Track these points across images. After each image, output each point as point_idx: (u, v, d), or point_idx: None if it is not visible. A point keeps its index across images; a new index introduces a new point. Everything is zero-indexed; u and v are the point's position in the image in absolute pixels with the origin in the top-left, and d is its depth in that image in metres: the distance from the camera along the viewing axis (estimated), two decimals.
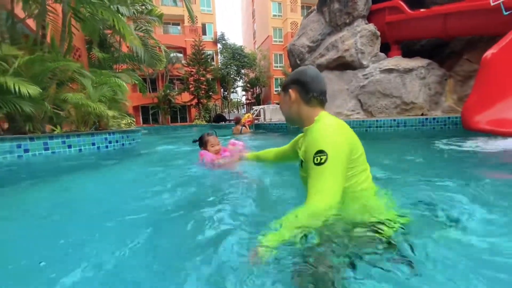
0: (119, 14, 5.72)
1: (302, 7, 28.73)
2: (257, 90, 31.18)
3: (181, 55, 26.18)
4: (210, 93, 24.41)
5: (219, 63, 26.86)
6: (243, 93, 33.31)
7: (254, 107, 14.51)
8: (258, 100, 30.07)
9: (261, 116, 12.31)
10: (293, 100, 1.24)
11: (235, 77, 27.68)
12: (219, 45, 27.50)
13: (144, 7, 9.79)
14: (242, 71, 27.60)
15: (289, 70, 20.43)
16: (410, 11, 7.28)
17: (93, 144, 4.08)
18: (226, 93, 29.10)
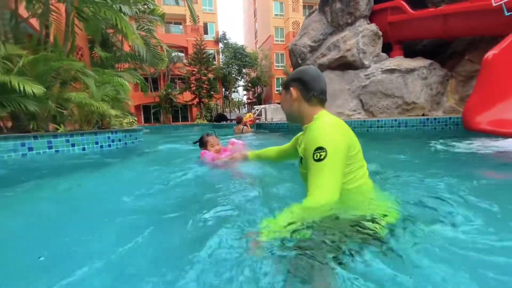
0: (121, 14, 5.74)
1: (304, 7, 28.71)
2: (258, 89, 31.20)
3: (182, 54, 26.24)
4: (212, 93, 24.47)
5: (221, 63, 26.90)
6: (244, 92, 33.34)
7: (256, 107, 14.54)
8: (259, 100, 30.10)
9: (262, 115, 12.32)
10: (294, 98, 1.27)
11: (236, 77, 27.73)
12: (220, 45, 27.53)
13: (146, 6, 9.81)
14: (244, 70, 27.64)
15: (291, 69, 20.42)
16: (412, 11, 7.28)
17: (97, 143, 4.12)
18: (228, 92, 29.14)
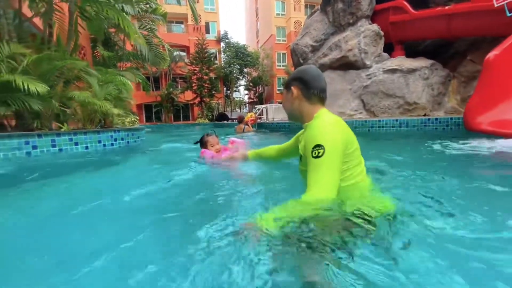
0: (123, 13, 5.77)
1: (306, 6, 28.69)
2: (260, 89, 31.19)
3: (184, 53, 26.24)
4: (213, 92, 24.51)
5: (222, 62, 26.91)
6: (246, 92, 33.34)
7: (257, 106, 14.54)
8: (260, 99, 30.10)
9: (263, 115, 12.34)
10: (295, 97, 1.30)
11: (238, 76, 27.74)
12: (222, 44, 27.54)
13: (148, 5, 9.84)
14: (245, 70, 27.64)
15: (292, 69, 20.42)
16: (414, 11, 7.28)
17: (99, 142, 4.15)
18: (229, 92, 29.16)
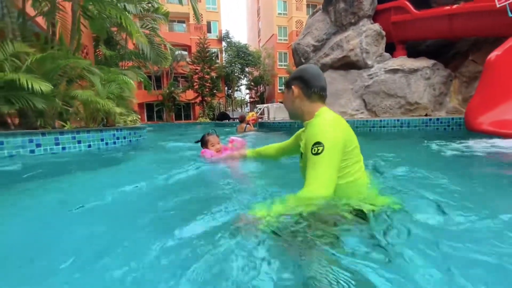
0: (126, 12, 5.80)
1: (308, 6, 28.64)
2: (261, 88, 31.20)
3: (186, 52, 26.26)
4: (214, 91, 24.55)
5: (224, 61, 26.93)
6: (247, 91, 33.37)
7: (258, 106, 14.58)
8: (261, 99, 30.11)
9: (265, 114, 12.37)
10: (296, 95, 1.32)
11: (239, 75, 27.73)
12: (223, 43, 27.56)
13: (150, 5, 9.87)
14: (246, 69, 27.64)
15: (294, 68, 20.39)
16: (415, 11, 7.27)
17: (102, 140, 4.18)
18: (230, 91, 29.17)
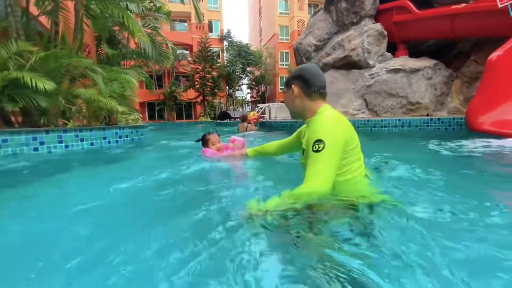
0: (128, 11, 5.82)
1: (309, 5, 28.59)
2: (262, 88, 31.19)
3: (187, 52, 26.29)
4: (216, 91, 24.55)
5: (225, 61, 26.92)
6: (248, 91, 33.36)
7: (259, 105, 14.59)
8: (263, 98, 30.10)
9: (266, 114, 12.38)
10: (296, 95, 1.34)
11: (240, 75, 27.74)
12: (225, 43, 27.56)
13: (152, 4, 9.89)
14: (248, 68, 27.63)
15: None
16: (417, 11, 7.26)
17: (104, 138, 4.22)
18: (231, 90, 29.18)
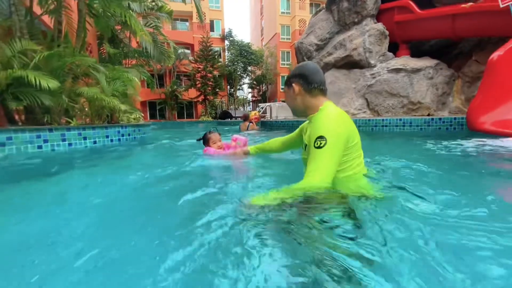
0: (130, 10, 5.86)
1: (311, 5, 28.57)
2: (264, 87, 31.21)
3: (188, 51, 26.32)
4: (217, 90, 24.59)
5: (226, 60, 26.93)
6: (249, 90, 33.39)
7: (261, 105, 14.61)
8: (264, 98, 30.12)
9: (267, 113, 12.41)
10: (297, 92, 1.37)
11: (241, 74, 27.77)
12: (226, 42, 27.56)
13: (154, 3, 9.93)
14: (249, 68, 27.66)
15: None
16: (419, 11, 7.26)
17: (107, 137, 4.25)
18: (233, 90, 29.21)
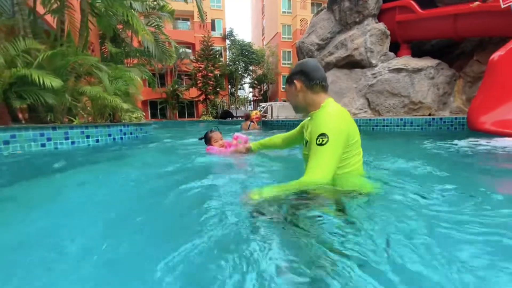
0: (132, 10, 5.88)
1: (312, 4, 28.55)
2: (265, 87, 31.21)
3: (189, 50, 26.33)
4: (218, 89, 24.60)
5: (227, 59, 26.95)
6: (250, 89, 33.39)
7: (262, 104, 14.63)
8: (265, 97, 30.13)
9: (268, 113, 12.42)
10: (299, 89, 1.38)
11: (242, 74, 27.77)
12: (227, 41, 27.56)
13: (156, 3, 9.96)
14: (250, 67, 27.65)
15: None
16: (420, 10, 7.26)
17: (109, 135, 4.28)
18: (234, 89, 29.22)
